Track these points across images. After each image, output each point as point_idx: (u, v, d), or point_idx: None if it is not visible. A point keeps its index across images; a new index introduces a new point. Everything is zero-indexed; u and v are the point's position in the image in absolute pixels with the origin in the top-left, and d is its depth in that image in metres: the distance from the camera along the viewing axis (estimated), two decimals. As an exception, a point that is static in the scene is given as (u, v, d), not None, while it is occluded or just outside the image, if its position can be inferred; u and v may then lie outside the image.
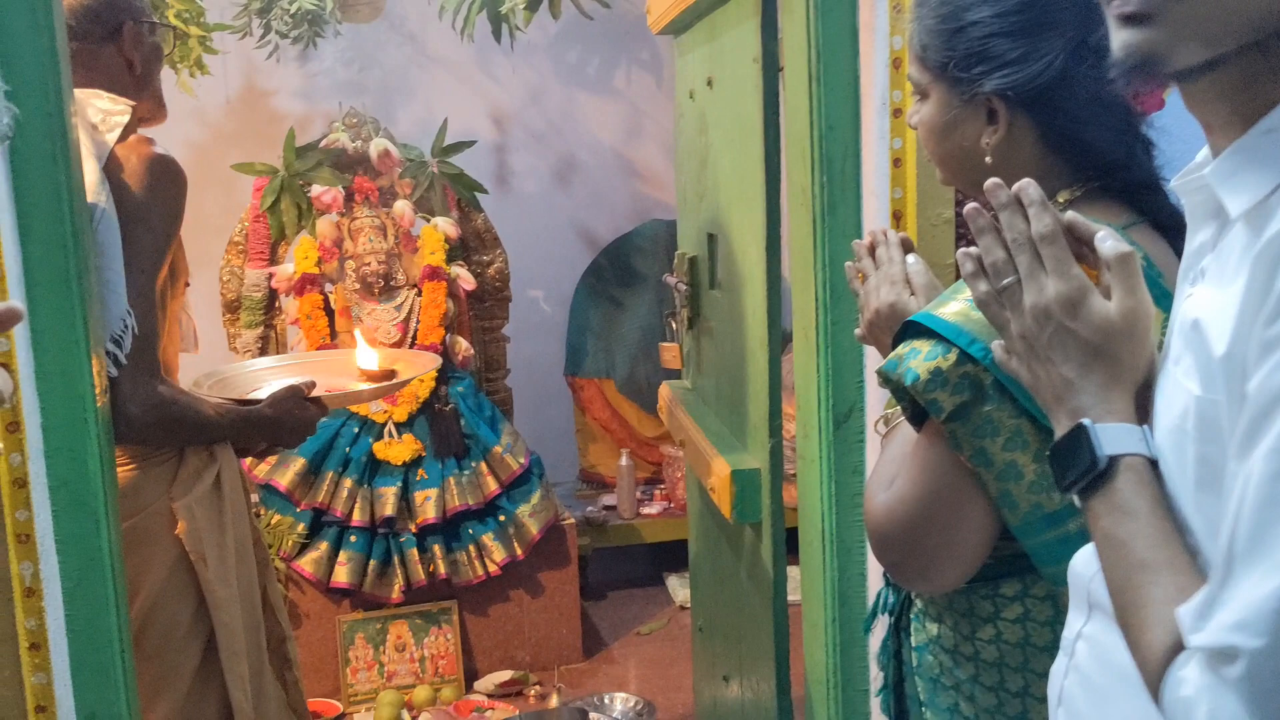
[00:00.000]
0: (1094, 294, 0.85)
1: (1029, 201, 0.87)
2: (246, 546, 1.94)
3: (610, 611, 4.05)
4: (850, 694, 1.68)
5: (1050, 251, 0.86)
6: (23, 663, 1.39)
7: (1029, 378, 0.89)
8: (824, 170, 1.61)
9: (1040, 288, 0.86)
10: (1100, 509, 0.82)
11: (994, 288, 0.89)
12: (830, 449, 1.66)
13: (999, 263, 0.88)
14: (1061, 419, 0.86)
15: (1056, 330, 0.86)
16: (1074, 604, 0.92)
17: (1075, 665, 0.88)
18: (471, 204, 3.72)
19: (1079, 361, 0.85)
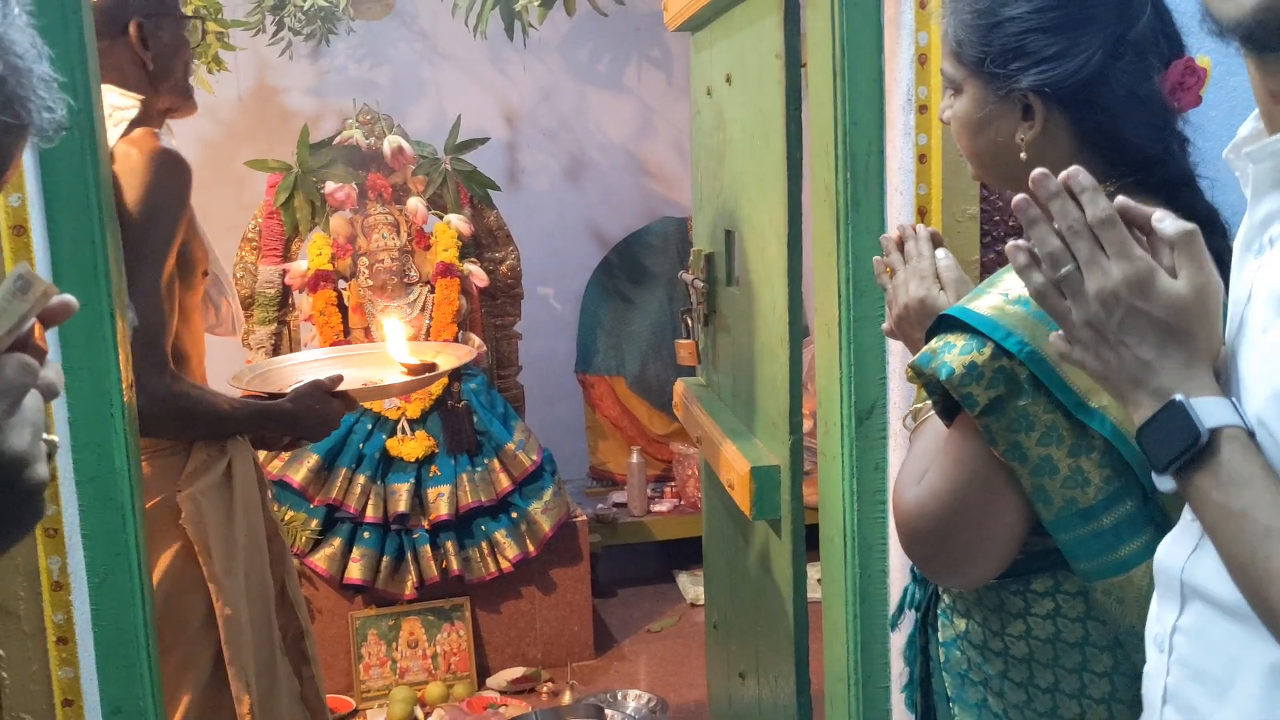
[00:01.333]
0: (1161, 273, 0.84)
1: (1080, 188, 0.86)
2: (259, 540, 1.95)
3: (621, 609, 4.05)
4: (871, 691, 1.68)
5: (1110, 235, 0.85)
6: (50, 656, 1.40)
7: (1098, 365, 0.87)
8: (848, 166, 1.61)
9: (1104, 272, 0.84)
10: (1207, 484, 0.80)
11: (1052, 277, 0.88)
12: (852, 446, 1.66)
13: (1055, 251, 0.87)
14: (1144, 401, 0.85)
15: (1128, 313, 0.84)
16: (1163, 598, 0.90)
17: (1178, 660, 0.86)
18: (484, 201, 3.72)
19: (1155, 342, 0.84)
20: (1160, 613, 0.90)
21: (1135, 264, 0.84)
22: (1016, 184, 1.28)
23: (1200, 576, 0.84)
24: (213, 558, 1.80)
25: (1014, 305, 1.06)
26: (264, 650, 1.92)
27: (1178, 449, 0.81)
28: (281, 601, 2.02)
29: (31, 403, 0.70)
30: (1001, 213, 1.60)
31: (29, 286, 0.70)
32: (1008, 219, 1.60)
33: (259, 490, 1.98)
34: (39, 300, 0.70)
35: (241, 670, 1.82)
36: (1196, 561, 0.85)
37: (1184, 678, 0.86)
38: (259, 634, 1.90)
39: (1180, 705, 0.86)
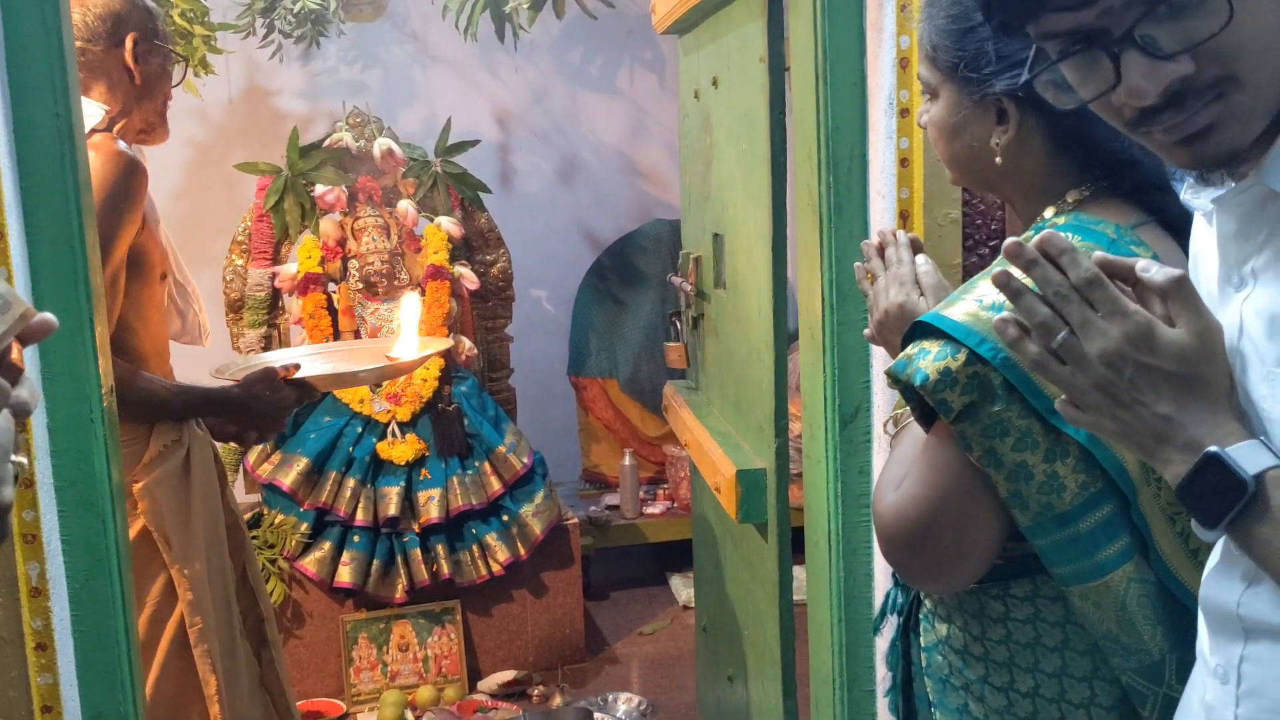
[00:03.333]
0: (1160, 325, 0.82)
1: (1058, 251, 0.84)
2: (218, 528, 2.02)
3: (613, 611, 4.05)
4: (856, 694, 1.68)
5: (1099, 295, 0.83)
6: (29, 663, 1.39)
7: (1114, 427, 0.85)
8: (830, 170, 1.61)
9: (1102, 333, 0.83)
10: (1267, 533, 0.78)
11: (1046, 347, 0.85)
12: (836, 449, 1.65)
13: (1047, 320, 0.84)
14: (1174, 457, 0.83)
15: (1137, 370, 0.82)
16: (1218, 632, 0.89)
17: (1250, 691, 0.84)
18: (475, 203, 3.72)
19: (1170, 395, 0.82)
20: (1216, 645, 0.89)
21: (1132, 319, 0.82)
22: (992, 188, 1.28)
23: (1263, 612, 0.83)
24: (171, 546, 1.88)
25: (988, 311, 1.06)
26: (225, 634, 1.99)
27: (1228, 504, 0.79)
28: (242, 587, 2.09)
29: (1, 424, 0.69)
30: (984, 216, 1.60)
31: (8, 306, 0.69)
32: (990, 223, 1.60)
33: (218, 481, 2.05)
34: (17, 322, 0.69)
35: (207, 653, 1.90)
36: (1256, 596, 0.84)
37: (1261, 709, 0.84)
38: (219, 618, 1.97)
39: None
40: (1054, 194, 1.20)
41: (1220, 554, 0.90)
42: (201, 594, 1.91)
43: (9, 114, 1.40)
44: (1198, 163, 0.84)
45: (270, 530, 3.34)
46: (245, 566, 2.12)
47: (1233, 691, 0.86)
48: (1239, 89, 0.79)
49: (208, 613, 1.92)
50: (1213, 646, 0.90)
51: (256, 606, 2.13)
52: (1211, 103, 0.80)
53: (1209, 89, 0.80)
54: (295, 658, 3.37)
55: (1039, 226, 1.18)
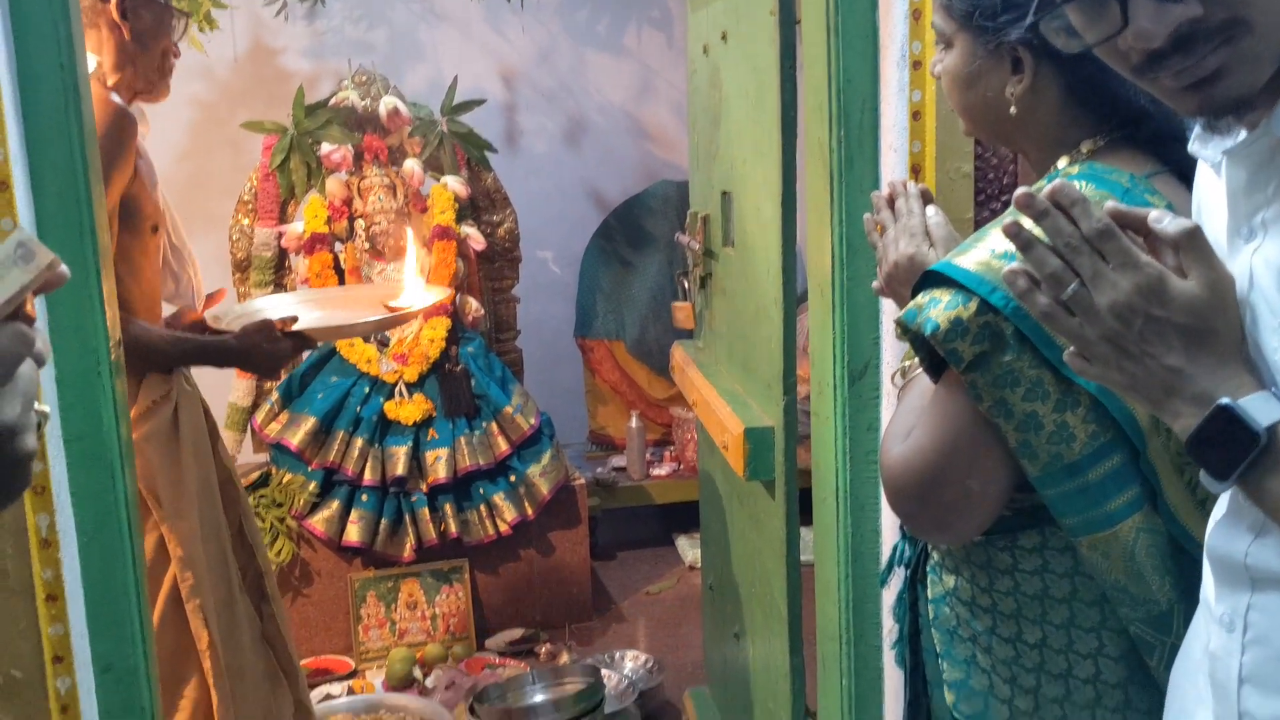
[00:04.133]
0: (1172, 277, 0.81)
1: (1070, 202, 0.82)
2: (210, 484, 2.02)
3: (619, 571, 4.07)
4: (863, 649, 1.68)
5: (1111, 246, 0.81)
6: (40, 614, 1.40)
7: (1122, 379, 0.84)
8: (841, 124, 1.59)
9: (1112, 285, 0.81)
10: (1276, 484, 0.78)
11: (1056, 298, 0.84)
12: (845, 406, 1.65)
13: (1057, 271, 0.83)
14: (1184, 409, 0.82)
15: (1147, 322, 0.81)
16: (1224, 582, 0.89)
17: (1256, 639, 0.84)
18: (481, 163, 3.70)
19: (1181, 347, 0.81)
20: (1222, 593, 0.89)
21: (1144, 271, 0.81)
22: (1006, 139, 1.27)
23: (1271, 561, 0.83)
24: (161, 503, 1.89)
25: (1000, 260, 1.05)
26: (221, 589, 2.00)
27: (1239, 456, 0.79)
28: (240, 542, 2.10)
29: (26, 372, 0.69)
30: (996, 170, 1.59)
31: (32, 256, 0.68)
32: (1002, 177, 1.59)
33: (209, 436, 2.05)
34: (43, 272, 0.69)
35: (199, 608, 1.91)
36: (1264, 546, 0.84)
37: (1267, 657, 0.84)
38: (215, 574, 1.98)
39: (1265, 684, 0.84)
40: (1068, 144, 1.19)
41: (1227, 505, 0.89)
42: (193, 550, 1.92)
43: (13, 65, 1.39)
44: (1206, 109, 0.83)
45: (278, 489, 3.35)
46: (241, 521, 2.12)
47: (1239, 640, 0.86)
48: (1248, 33, 0.78)
49: (200, 569, 1.93)
50: (1218, 595, 0.89)
51: (255, 561, 2.14)
52: (1220, 47, 0.79)
53: (1217, 32, 0.78)
54: (304, 616, 3.39)
55: (1052, 176, 1.17)
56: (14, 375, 0.67)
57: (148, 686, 1.51)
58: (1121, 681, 1.13)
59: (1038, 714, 1.17)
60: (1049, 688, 1.16)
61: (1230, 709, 0.87)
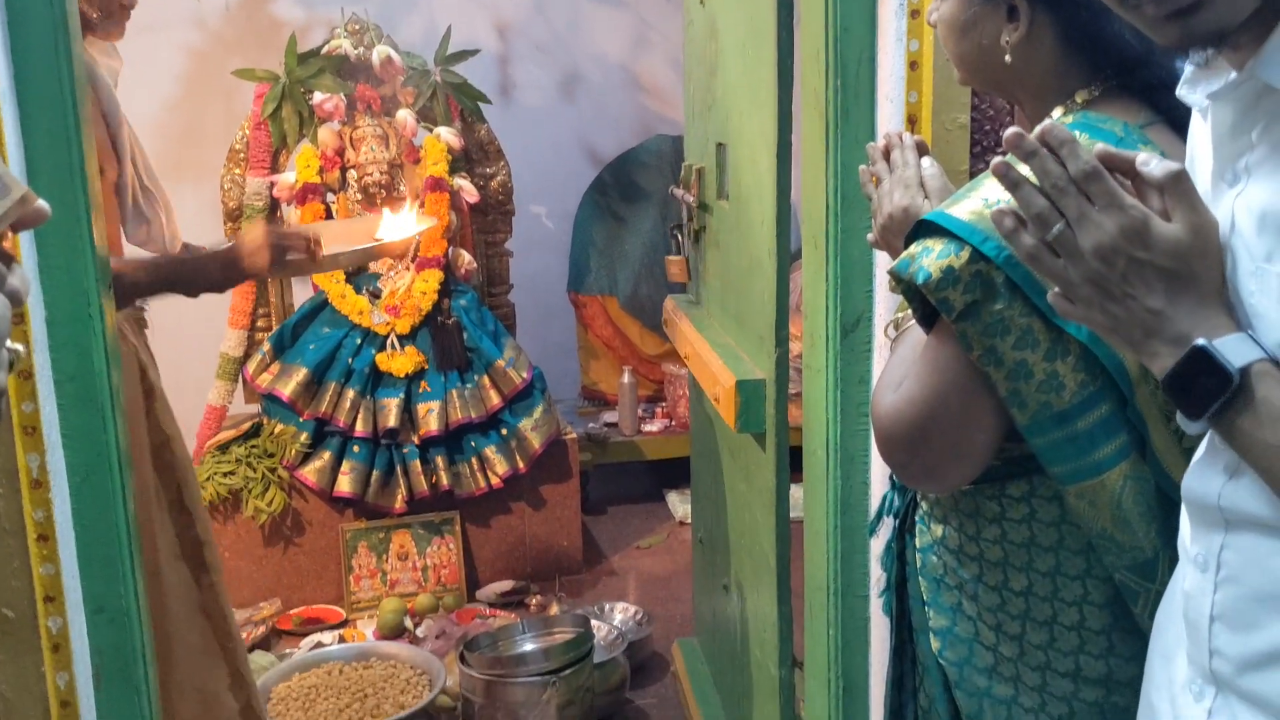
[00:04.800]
0: (1156, 219, 0.82)
1: (1058, 143, 0.83)
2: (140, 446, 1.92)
3: (610, 526, 4.09)
4: (850, 600, 1.70)
5: (1097, 188, 0.82)
6: (31, 553, 1.40)
7: (1104, 320, 0.85)
8: (838, 74, 1.58)
9: (1097, 226, 0.82)
10: (1249, 425, 0.79)
11: (1041, 238, 0.85)
12: (837, 359, 1.65)
13: (1043, 212, 0.84)
14: (1162, 350, 0.83)
15: (1129, 264, 0.82)
16: (1199, 523, 0.90)
17: (1229, 578, 0.86)
18: (474, 114, 3.67)
19: (1162, 290, 0.82)
20: (1197, 535, 0.90)
21: (1128, 214, 0.82)
22: (1001, 88, 1.26)
23: (1242, 502, 0.84)
24: None
25: (993, 209, 1.05)
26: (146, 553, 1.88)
27: (1211, 394, 0.80)
28: (178, 509, 2.01)
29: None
30: (992, 122, 1.58)
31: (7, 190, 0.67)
32: (998, 129, 1.58)
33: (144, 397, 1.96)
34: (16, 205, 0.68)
35: None
36: (1236, 488, 0.85)
37: (1238, 595, 0.86)
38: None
39: (1234, 623, 0.86)
40: (1063, 94, 1.18)
41: (1204, 447, 0.91)
42: None
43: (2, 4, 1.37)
44: (1186, 39, 0.83)
45: (270, 440, 3.36)
46: (180, 488, 2.03)
47: (1211, 579, 0.88)
48: None
49: None
50: (1194, 537, 0.91)
51: (194, 530, 2.05)
52: None
53: None
54: (295, 565, 3.41)
55: (1048, 126, 1.16)
56: None
57: (140, 628, 1.52)
58: (1105, 628, 1.14)
59: (1022, 660, 1.18)
60: (1033, 634, 1.17)
61: (1202, 647, 0.88)
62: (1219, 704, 0.88)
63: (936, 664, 1.25)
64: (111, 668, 1.50)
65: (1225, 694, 0.87)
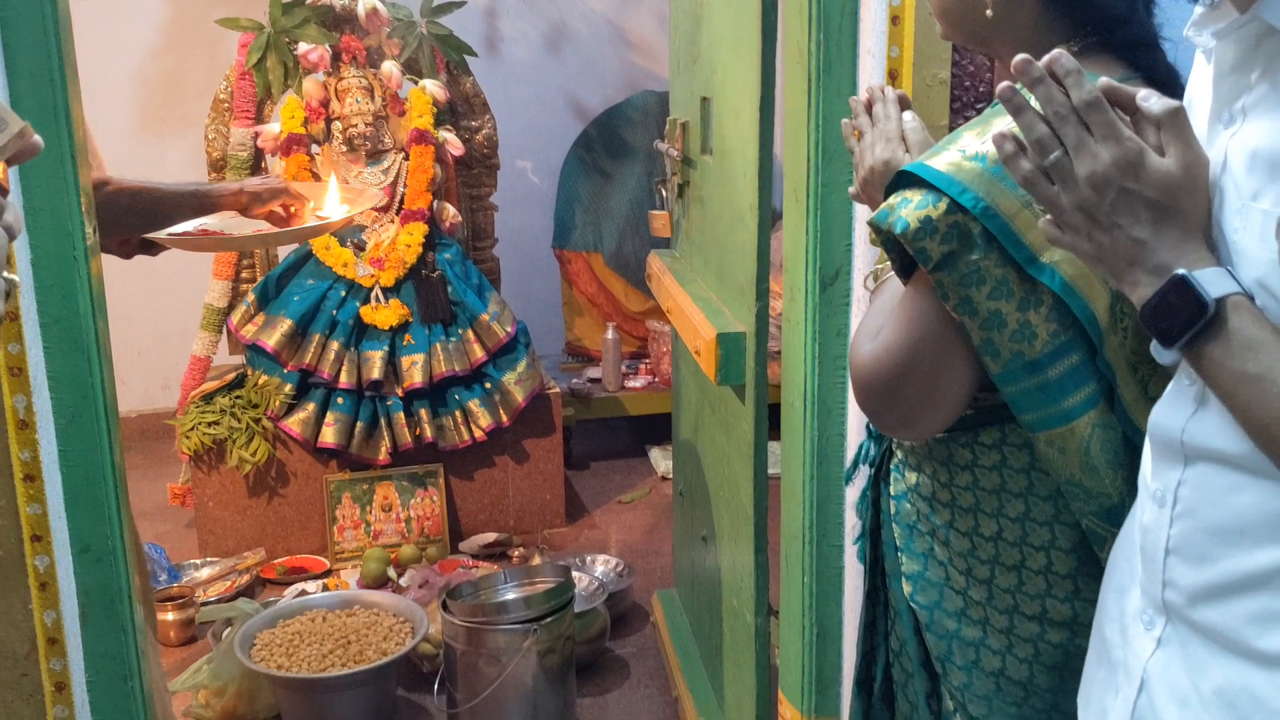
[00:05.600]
0: (1150, 153, 0.85)
1: (1064, 72, 0.86)
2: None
3: (593, 481, 4.13)
4: (825, 549, 1.73)
5: (1097, 119, 0.85)
6: (18, 493, 1.42)
7: (1090, 248, 0.89)
8: (821, 28, 1.59)
9: (1093, 155, 0.85)
10: (1219, 353, 0.82)
11: (1040, 164, 0.88)
12: (815, 311, 1.67)
13: (1043, 138, 0.87)
14: (1142, 279, 0.86)
15: (1119, 194, 0.85)
16: (1160, 458, 0.93)
17: (1184, 513, 0.89)
18: (460, 67, 3.66)
19: (1148, 221, 0.85)
20: (1158, 470, 0.93)
21: (1124, 145, 0.85)
22: (982, 42, 1.27)
23: (1204, 436, 0.87)
24: None
25: (971, 161, 1.07)
26: None
27: (1186, 322, 0.83)
28: None
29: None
30: (972, 78, 1.59)
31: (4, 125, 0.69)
32: (978, 85, 1.59)
33: None
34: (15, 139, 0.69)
35: None
36: (1199, 422, 0.88)
37: (1193, 529, 0.89)
38: None
39: (1188, 555, 0.89)
40: (1043, 48, 1.18)
41: (1173, 384, 0.93)
42: None
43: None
44: None
45: (254, 390, 3.37)
46: None
47: (1168, 513, 0.91)
48: None
49: None
50: (1154, 472, 0.94)
51: None
52: None
53: None
54: (280, 515, 3.43)
55: (1027, 81, 1.18)
56: None
57: (125, 568, 1.54)
58: (1071, 572, 1.17)
59: (990, 603, 1.21)
60: (1002, 579, 1.20)
61: (1156, 579, 0.92)
62: (1169, 633, 0.91)
63: (908, 608, 1.28)
64: (98, 606, 1.52)
65: (1175, 623, 0.91)
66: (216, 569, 3.27)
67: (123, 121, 3.99)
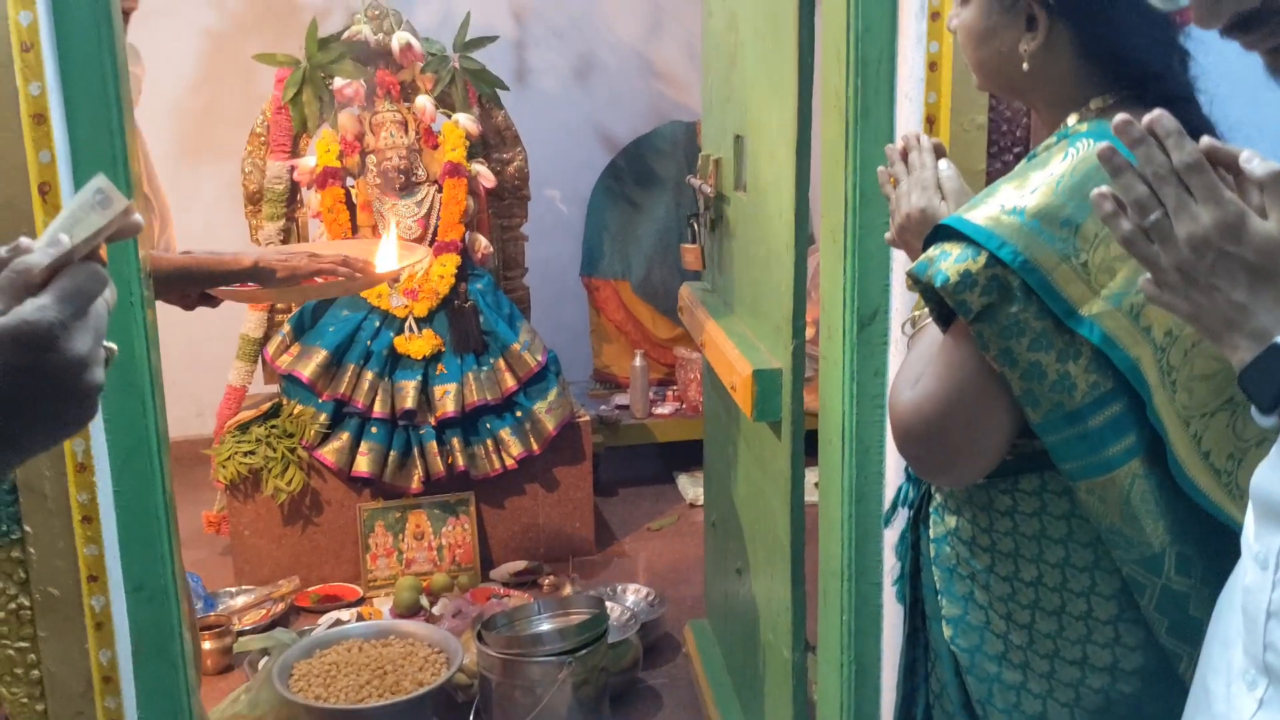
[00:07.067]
0: (1252, 216, 0.84)
1: (1165, 133, 0.86)
2: None
3: (621, 508, 4.14)
4: (864, 586, 1.74)
5: (1198, 180, 0.85)
6: (76, 534, 1.45)
7: (1188, 308, 0.89)
8: (858, 73, 1.61)
9: (1193, 217, 0.85)
10: None
11: (1140, 224, 0.88)
12: (853, 351, 1.69)
13: (1143, 198, 0.87)
14: (1241, 343, 0.86)
15: (1219, 257, 0.85)
16: (1263, 520, 0.92)
17: None
18: (492, 100, 3.71)
19: (1247, 284, 0.85)
20: (1260, 532, 0.92)
21: (1226, 208, 0.84)
22: (1018, 94, 1.30)
23: None
24: None
25: (1009, 215, 1.09)
26: None
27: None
28: None
29: (99, 309, 0.72)
30: (1009, 123, 1.62)
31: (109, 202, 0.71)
32: (1015, 130, 1.62)
33: None
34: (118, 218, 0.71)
35: None
36: None
37: None
38: None
39: None
40: (1078, 102, 1.22)
41: (1276, 448, 0.94)
42: None
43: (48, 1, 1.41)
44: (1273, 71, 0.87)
45: (289, 420, 3.41)
46: None
47: (1270, 577, 0.90)
48: None
49: None
50: (1257, 533, 0.93)
51: None
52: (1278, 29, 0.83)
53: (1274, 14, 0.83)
54: (314, 544, 3.47)
55: (1063, 133, 1.20)
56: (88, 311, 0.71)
57: (176, 605, 1.57)
58: (1112, 618, 1.18)
59: (1031, 648, 1.22)
60: (1042, 623, 1.22)
61: (1257, 641, 0.92)
62: (1270, 695, 0.91)
63: (949, 650, 1.30)
64: (150, 643, 1.55)
65: (1277, 686, 0.91)
66: (252, 597, 3.31)
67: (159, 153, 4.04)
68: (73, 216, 0.71)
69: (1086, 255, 1.07)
